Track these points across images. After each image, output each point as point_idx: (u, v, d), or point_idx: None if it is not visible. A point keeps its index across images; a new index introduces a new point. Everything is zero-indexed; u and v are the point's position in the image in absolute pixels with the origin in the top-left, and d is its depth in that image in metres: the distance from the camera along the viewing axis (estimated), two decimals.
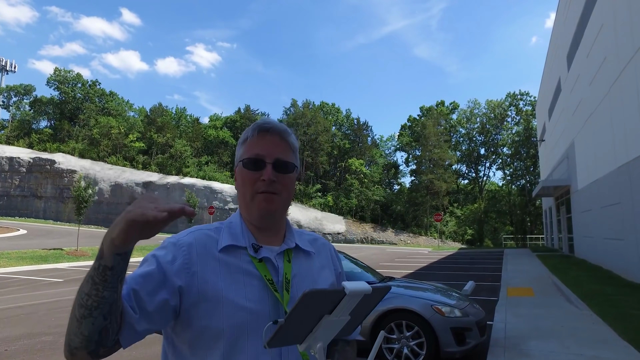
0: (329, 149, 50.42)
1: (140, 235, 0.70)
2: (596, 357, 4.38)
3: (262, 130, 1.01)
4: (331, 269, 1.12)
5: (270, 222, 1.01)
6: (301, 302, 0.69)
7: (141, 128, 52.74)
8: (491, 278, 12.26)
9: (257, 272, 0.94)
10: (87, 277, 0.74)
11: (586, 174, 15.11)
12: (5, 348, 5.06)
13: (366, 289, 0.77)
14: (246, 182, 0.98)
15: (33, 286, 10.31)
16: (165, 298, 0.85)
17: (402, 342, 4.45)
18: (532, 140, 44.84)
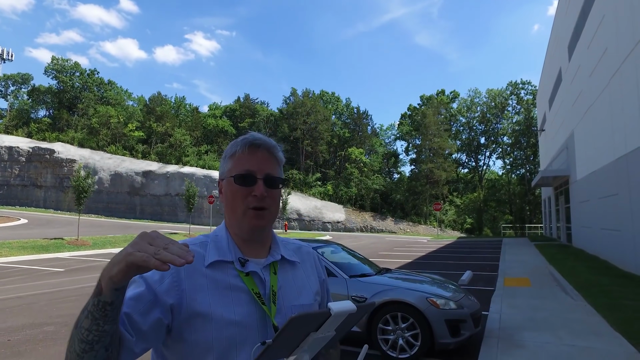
0: (328, 138, 50.33)
1: (138, 273, 0.72)
2: (589, 348, 4.46)
3: (252, 145, 1.02)
4: (315, 276, 1.14)
5: (259, 236, 1.04)
6: (288, 326, 0.72)
7: (140, 117, 52.57)
8: (489, 268, 12.36)
9: (245, 285, 0.96)
10: (86, 312, 0.74)
11: (585, 165, 15.12)
12: (8, 338, 5.14)
13: (351, 308, 0.80)
14: (237, 197, 1.00)
15: (34, 276, 10.41)
16: (159, 317, 0.87)
17: (397, 333, 4.52)
18: (532, 129, 44.74)
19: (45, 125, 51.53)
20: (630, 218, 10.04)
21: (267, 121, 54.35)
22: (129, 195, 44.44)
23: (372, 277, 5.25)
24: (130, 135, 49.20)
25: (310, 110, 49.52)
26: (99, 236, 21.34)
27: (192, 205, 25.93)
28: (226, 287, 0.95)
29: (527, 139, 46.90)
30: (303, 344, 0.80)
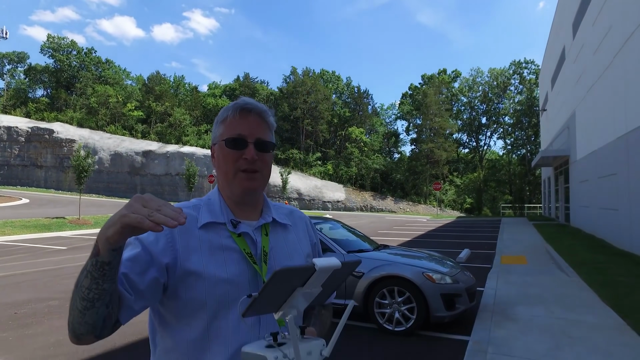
0: (329, 117, 50.01)
1: (133, 234, 0.74)
2: (578, 321, 4.58)
3: (243, 110, 1.04)
4: (307, 240, 1.17)
5: (250, 198, 1.06)
6: (272, 280, 0.75)
7: (139, 97, 52.13)
8: (487, 246, 12.51)
9: (237, 246, 0.99)
10: (85, 272, 0.78)
11: (585, 145, 15.09)
12: (15, 311, 5.27)
13: (335, 264, 0.82)
14: (228, 160, 1.02)
15: (38, 253, 10.55)
16: (155, 276, 0.91)
17: (393, 307, 4.63)
18: (534, 109, 44.40)
19: (44, 105, 51.13)
20: (627, 197, 10.09)
21: (267, 100, 53.87)
22: (130, 175, 44.52)
23: (370, 252, 5.33)
24: (129, 115, 48.90)
25: (310, 89, 49.03)
26: (100, 215, 21.50)
27: (193, 185, 26.00)
28: (219, 248, 0.98)
29: (528, 119, 46.61)
30: (290, 299, 0.83)
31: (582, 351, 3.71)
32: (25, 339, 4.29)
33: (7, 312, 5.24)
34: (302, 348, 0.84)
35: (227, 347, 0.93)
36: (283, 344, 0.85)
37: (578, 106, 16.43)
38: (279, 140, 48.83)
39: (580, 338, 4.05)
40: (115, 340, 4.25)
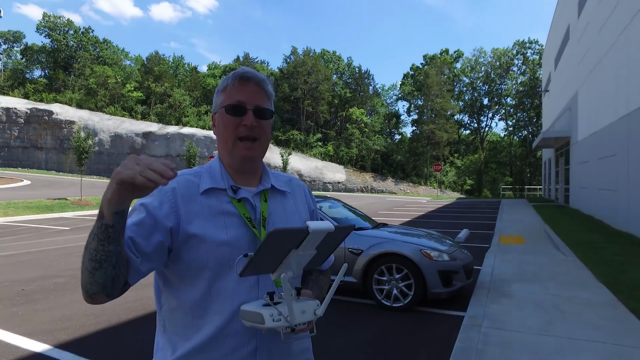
0: (329, 98, 49.60)
1: (132, 196, 0.79)
2: (571, 297, 4.69)
3: (242, 78, 1.07)
4: (305, 207, 1.22)
5: (250, 166, 1.10)
6: (267, 240, 0.80)
7: (138, 77, 51.62)
8: (486, 227, 12.63)
9: (237, 210, 1.04)
10: (92, 235, 0.83)
11: (587, 126, 15.03)
12: (22, 288, 5.40)
13: (329, 228, 0.86)
14: (228, 127, 1.06)
15: (41, 234, 10.69)
16: (160, 240, 0.96)
17: (391, 283, 4.73)
18: (537, 90, 43.97)
19: (42, 85, 50.68)
20: (626, 178, 10.13)
21: None
22: None
23: (369, 230, 5.41)
24: (128, 96, 48.53)
25: (311, 69, 48.47)
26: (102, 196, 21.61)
27: (193, 166, 26.05)
28: (219, 212, 1.03)
29: (531, 101, 46.21)
30: (286, 260, 0.88)
31: (573, 325, 3.82)
32: (33, 313, 4.42)
33: (15, 289, 5.37)
34: (297, 307, 0.89)
35: (228, 306, 0.98)
36: (279, 303, 0.90)
37: (580, 87, 16.29)
38: (280, 121, 48.57)
39: (573, 313, 4.16)
40: (120, 315, 4.38)
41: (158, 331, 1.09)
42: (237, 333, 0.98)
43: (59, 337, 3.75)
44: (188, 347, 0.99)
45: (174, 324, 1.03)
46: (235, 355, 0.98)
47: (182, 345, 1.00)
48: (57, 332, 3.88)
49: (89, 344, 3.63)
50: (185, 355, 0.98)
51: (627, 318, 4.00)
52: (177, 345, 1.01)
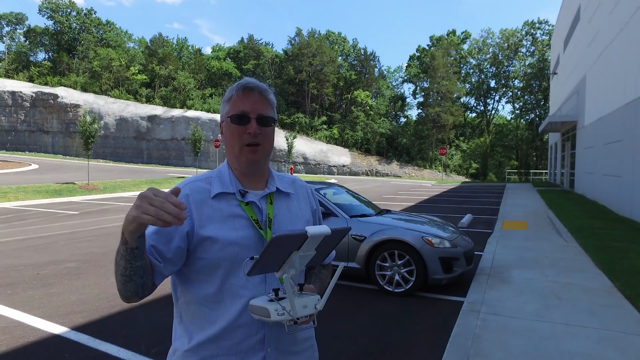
0: (334, 80, 49.17)
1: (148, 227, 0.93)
2: (569, 284, 4.80)
3: (245, 89, 1.17)
4: (308, 207, 1.32)
5: (255, 169, 1.20)
6: (270, 244, 0.90)
7: (142, 60, 51.38)
8: (489, 212, 12.70)
9: (245, 213, 1.15)
10: (119, 255, 0.96)
11: (594, 111, 14.89)
12: (37, 272, 5.61)
13: (325, 231, 0.97)
14: (234, 135, 1.16)
15: (51, 218, 10.92)
16: (179, 244, 1.08)
17: (393, 269, 4.86)
18: (545, 72, 43.27)
19: (46, 69, 50.63)
20: (631, 164, 10.11)
21: (271, 63, 52.88)
22: (136, 140, 44.71)
23: (372, 217, 5.52)
24: (133, 79, 48.42)
25: (315, 51, 47.94)
26: (109, 180, 21.89)
27: (199, 150, 26.17)
28: (229, 215, 1.13)
29: (538, 83, 45.55)
30: (288, 260, 0.98)
31: (568, 311, 3.94)
32: (49, 297, 4.61)
33: (31, 273, 5.58)
34: (299, 302, 1.00)
35: (239, 300, 1.10)
36: (283, 298, 1.01)
37: (589, 70, 16.06)
38: (284, 104, 48.34)
39: (569, 299, 4.27)
40: None
41: (175, 321, 1.21)
42: (247, 324, 1.10)
43: (75, 320, 3.94)
44: (203, 336, 1.10)
45: (190, 315, 1.15)
46: (246, 343, 1.10)
47: (197, 335, 1.12)
48: (73, 315, 4.07)
49: (103, 326, 3.81)
50: (201, 343, 1.10)
51: (622, 304, 4.11)
52: (193, 334, 1.13)
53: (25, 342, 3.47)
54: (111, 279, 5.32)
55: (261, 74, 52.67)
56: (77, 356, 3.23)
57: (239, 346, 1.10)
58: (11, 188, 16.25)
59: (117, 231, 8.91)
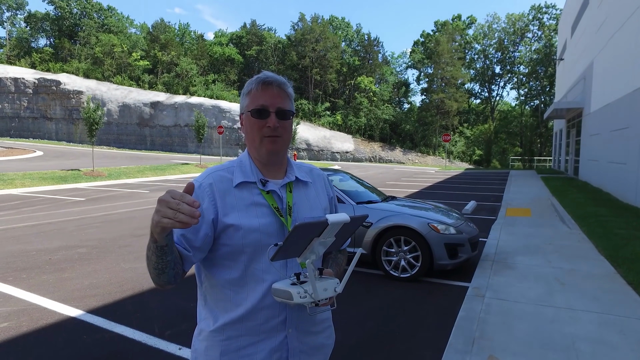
0: (338, 66, 48.75)
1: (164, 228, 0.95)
2: (573, 270, 4.87)
3: (265, 83, 1.21)
4: (325, 194, 1.38)
5: (275, 159, 1.25)
6: (294, 232, 0.95)
7: (144, 46, 51.02)
8: (493, 198, 12.74)
9: (266, 201, 1.20)
10: (150, 252, 1.02)
11: (600, 97, 14.76)
12: (49, 257, 5.73)
13: (345, 219, 1.02)
14: (254, 128, 1.21)
15: (58, 204, 11.05)
16: (206, 232, 1.13)
17: (399, 255, 4.94)
18: (552, 58, 42.71)
19: (48, 55, 50.36)
20: (637, 151, 10.08)
21: (274, 49, 52.39)
22: (139, 127, 44.70)
23: (378, 203, 5.58)
24: (135, 65, 48.14)
25: (319, 37, 47.42)
26: (113, 167, 22.00)
27: (202, 136, 26.16)
28: (251, 203, 1.19)
29: (544, 69, 45.01)
30: (309, 246, 1.04)
31: (571, 297, 4.01)
32: (62, 281, 4.72)
33: (43, 258, 5.69)
34: (319, 285, 1.06)
35: (261, 284, 1.16)
36: (304, 282, 1.07)
37: (597, 56, 15.86)
38: None
39: (572, 285, 4.34)
40: (142, 283, 4.66)
41: (200, 303, 1.27)
42: (270, 306, 1.16)
43: (89, 304, 4.05)
44: (228, 318, 1.17)
45: (214, 298, 1.21)
46: (269, 324, 1.17)
47: (222, 317, 1.18)
48: (87, 299, 4.18)
49: (117, 309, 3.92)
50: (226, 324, 1.17)
51: (624, 290, 4.18)
52: (218, 316, 1.19)
53: (44, 323, 3.59)
54: (121, 264, 5.43)
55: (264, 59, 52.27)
56: (94, 337, 3.34)
57: (262, 327, 1.16)
58: (17, 175, 16.39)
59: (123, 217, 9.03)
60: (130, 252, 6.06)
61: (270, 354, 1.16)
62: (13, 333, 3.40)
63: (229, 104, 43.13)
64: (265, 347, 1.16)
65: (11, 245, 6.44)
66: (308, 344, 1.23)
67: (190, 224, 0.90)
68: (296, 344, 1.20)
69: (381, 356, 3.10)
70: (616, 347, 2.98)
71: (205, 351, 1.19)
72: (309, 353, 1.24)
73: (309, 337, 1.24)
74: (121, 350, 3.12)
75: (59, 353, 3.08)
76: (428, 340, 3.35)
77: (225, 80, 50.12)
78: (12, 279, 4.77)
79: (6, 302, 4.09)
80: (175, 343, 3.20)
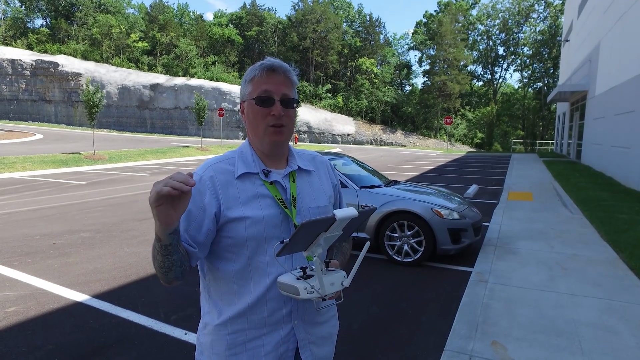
0: (339, 47, 48.03)
1: (173, 211, 0.92)
2: (575, 255, 4.89)
3: (269, 70, 1.16)
4: (329, 182, 1.34)
5: (278, 150, 1.22)
6: (300, 229, 0.93)
7: (143, 27, 50.18)
8: (495, 182, 12.73)
9: (269, 193, 1.16)
10: (155, 252, 1.01)
11: (606, 80, 14.56)
12: (54, 242, 5.75)
13: (352, 214, 0.99)
14: (258, 117, 1.16)
15: (60, 188, 11.05)
16: (209, 227, 1.11)
17: (402, 240, 4.95)
18: (557, 39, 42.00)
19: (45, 36, 49.56)
20: None
21: (275, 30, 51.54)
22: (139, 109, 44.39)
23: (381, 188, 5.56)
24: (134, 47, 47.45)
25: (320, 17, 46.58)
26: (114, 150, 21.93)
27: (203, 119, 25.96)
28: (254, 195, 1.15)
29: (549, 50, 44.32)
30: (316, 241, 1.01)
31: (573, 282, 4.03)
32: (67, 266, 4.75)
33: (47, 242, 5.72)
34: (326, 280, 1.04)
35: (266, 277, 1.14)
36: (311, 276, 1.05)
37: (604, 37, 15.58)
38: None
39: (575, 270, 4.36)
40: (146, 268, 4.69)
41: (203, 296, 1.26)
42: (275, 298, 1.15)
43: (94, 288, 4.08)
44: (232, 311, 1.15)
45: (218, 291, 1.19)
46: (274, 317, 1.16)
47: (227, 310, 1.17)
48: (93, 284, 4.21)
49: (122, 294, 3.95)
50: (231, 318, 1.16)
51: (626, 275, 4.20)
52: (222, 309, 1.18)
53: (51, 308, 3.63)
54: (124, 249, 5.45)
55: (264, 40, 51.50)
56: (101, 322, 3.37)
57: (268, 319, 1.15)
58: (18, 158, 16.35)
59: (125, 201, 9.04)
60: (133, 236, 6.08)
61: (276, 346, 1.16)
62: (21, 317, 3.43)
63: (229, 86, 42.70)
64: (271, 340, 1.15)
65: (15, 229, 6.47)
66: (315, 334, 1.23)
67: (183, 190, 0.88)
68: (304, 335, 1.19)
69: (385, 340, 3.13)
70: (618, 333, 3.01)
71: (211, 345, 1.18)
72: (318, 343, 1.23)
73: (316, 327, 1.23)
74: (128, 335, 3.16)
75: (67, 337, 3.12)
76: (432, 325, 3.38)
77: (225, 62, 49.47)
78: (18, 264, 4.80)
79: (13, 286, 4.12)
80: (181, 328, 3.24)
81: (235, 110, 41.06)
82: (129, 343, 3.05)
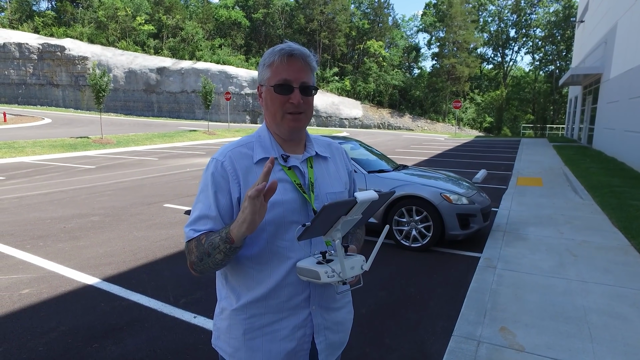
0: (347, 29, 47.23)
1: (260, 219, 0.97)
2: (585, 242, 4.83)
3: (289, 55, 1.13)
4: (344, 169, 1.35)
5: (296, 136, 1.21)
6: (322, 212, 0.92)
7: (148, 9, 49.65)
8: (504, 167, 12.60)
9: (288, 177, 1.16)
10: (218, 250, 1.04)
11: (622, 62, 14.18)
12: (64, 225, 5.82)
13: (373, 197, 0.99)
14: (276, 104, 1.15)
15: (69, 172, 11.15)
16: (236, 212, 1.14)
17: (411, 225, 4.93)
18: (571, 20, 40.87)
19: (51, 19, 49.37)
20: None
21: (282, 12, 50.76)
22: (145, 93, 44.36)
23: (390, 172, 5.52)
24: (140, 30, 47.11)
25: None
26: (122, 134, 22.02)
27: (210, 102, 25.88)
28: (273, 179, 1.15)
29: (562, 32, 43.19)
30: (336, 224, 1.01)
31: (583, 269, 4.00)
32: (78, 249, 4.82)
33: (58, 226, 5.79)
34: (346, 264, 1.04)
35: (285, 262, 1.14)
36: (330, 260, 1.06)
37: (621, 17, 15.11)
38: None
39: (584, 257, 4.32)
40: (155, 252, 4.74)
41: (220, 281, 1.26)
42: (293, 283, 1.15)
43: (105, 272, 4.14)
44: (251, 296, 1.16)
45: (236, 276, 1.19)
46: (292, 302, 1.16)
47: (245, 295, 1.17)
48: (103, 267, 4.26)
49: (132, 278, 4.00)
50: (249, 302, 1.16)
51: (638, 262, 4.15)
52: (240, 294, 1.18)
53: (63, 291, 3.69)
54: (134, 232, 5.50)
55: (271, 23, 50.79)
56: (112, 305, 3.42)
57: (286, 304, 1.16)
58: (28, 142, 16.50)
59: (134, 185, 9.10)
60: (142, 220, 6.13)
61: (293, 330, 1.17)
62: (34, 299, 3.50)
63: (236, 69, 42.40)
64: (288, 325, 1.16)
65: (27, 213, 6.55)
66: (331, 320, 1.23)
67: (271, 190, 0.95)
68: (320, 320, 1.20)
69: (393, 325, 3.15)
70: (628, 320, 2.99)
71: (228, 329, 1.19)
72: (333, 329, 1.24)
73: (332, 313, 1.24)
74: (138, 318, 3.21)
75: (79, 320, 3.17)
76: (440, 310, 3.38)
77: (232, 45, 48.98)
78: (30, 247, 4.88)
79: (26, 269, 4.19)
80: (190, 311, 3.27)
81: (242, 94, 40.85)
82: (139, 326, 3.09)
